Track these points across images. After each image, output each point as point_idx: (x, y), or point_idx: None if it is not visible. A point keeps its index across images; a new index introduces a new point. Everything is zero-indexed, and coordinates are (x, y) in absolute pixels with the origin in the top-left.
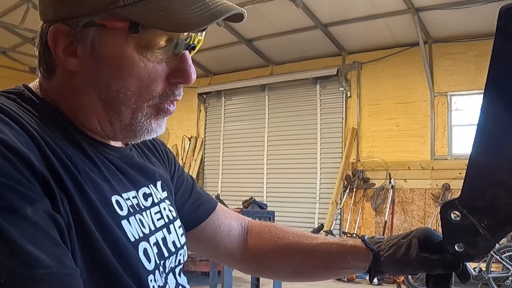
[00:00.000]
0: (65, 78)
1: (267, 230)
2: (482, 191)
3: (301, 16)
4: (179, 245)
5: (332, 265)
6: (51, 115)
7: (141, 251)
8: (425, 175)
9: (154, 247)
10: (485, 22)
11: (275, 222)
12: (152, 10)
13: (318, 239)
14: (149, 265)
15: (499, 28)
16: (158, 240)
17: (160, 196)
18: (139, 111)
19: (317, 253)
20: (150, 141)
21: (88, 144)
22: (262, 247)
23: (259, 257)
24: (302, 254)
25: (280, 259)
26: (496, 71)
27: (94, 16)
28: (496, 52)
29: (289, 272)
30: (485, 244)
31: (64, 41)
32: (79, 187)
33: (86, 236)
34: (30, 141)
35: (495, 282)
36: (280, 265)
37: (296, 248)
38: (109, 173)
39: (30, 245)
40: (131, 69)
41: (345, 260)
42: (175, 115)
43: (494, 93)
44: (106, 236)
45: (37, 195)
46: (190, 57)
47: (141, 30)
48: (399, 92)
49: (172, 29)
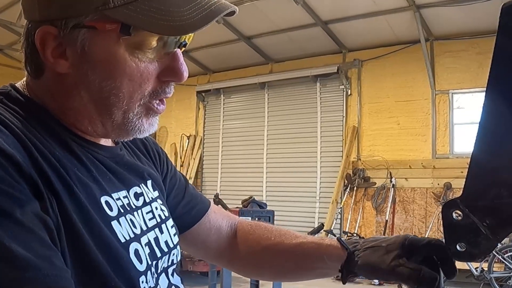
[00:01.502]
0: (54, 79)
1: (252, 231)
2: (484, 190)
3: (301, 13)
4: (172, 245)
5: (309, 265)
6: (39, 115)
7: (132, 252)
8: (427, 174)
9: (146, 247)
10: (487, 19)
11: (274, 221)
12: (144, 12)
13: (298, 238)
14: (140, 266)
15: (501, 25)
16: (150, 240)
17: (151, 196)
18: (130, 111)
19: (296, 253)
20: (141, 141)
21: (76, 144)
22: (247, 248)
23: (245, 260)
24: (282, 255)
25: (263, 260)
26: (498, 69)
27: (83, 18)
28: (498, 49)
29: (273, 273)
30: (487, 243)
31: (53, 43)
32: (68, 188)
33: (75, 237)
34: (17, 142)
35: (497, 282)
36: (263, 267)
37: (277, 249)
38: (99, 173)
39: (20, 247)
40: (123, 70)
41: (321, 260)
42: (173, 113)
43: (496, 91)
44: (95, 237)
45: (25, 196)
46: (181, 54)
47: (133, 31)
48: (400, 90)
49: (166, 32)
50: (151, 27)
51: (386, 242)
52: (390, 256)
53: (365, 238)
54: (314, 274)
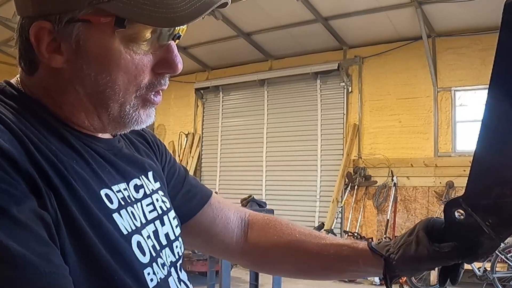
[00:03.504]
0: (49, 74)
1: (271, 225)
2: (487, 189)
3: (301, 9)
4: (173, 237)
5: (341, 267)
6: (35, 110)
7: (134, 244)
8: (428, 173)
9: (148, 240)
10: (490, 16)
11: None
12: (138, 4)
13: (327, 239)
14: (144, 258)
15: (504, 22)
16: (150, 233)
17: (152, 187)
18: (127, 104)
19: (325, 254)
20: (139, 132)
21: (74, 138)
22: (266, 242)
23: (262, 252)
24: (309, 253)
25: (285, 256)
26: (501, 65)
27: (77, 12)
28: (501, 46)
29: (292, 269)
30: (490, 243)
31: (47, 38)
32: (66, 183)
33: (76, 232)
34: (13, 138)
35: (500, 282)
36: (284, 262)
37: (303, 247)
38: (98, 165)
39: (16, 245)
40: (118, 63)
41: (355, 264)
42: (171, 110)
43: (499, 88)
44: (97, 230)
45: (22, 193)
46: (176, 46)
47: (127, 24)
48: (402, 88)
49: (160, 24)
50: (145, 19)
51: (411, 236)
52: (424, 245)
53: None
54: (342, 276)
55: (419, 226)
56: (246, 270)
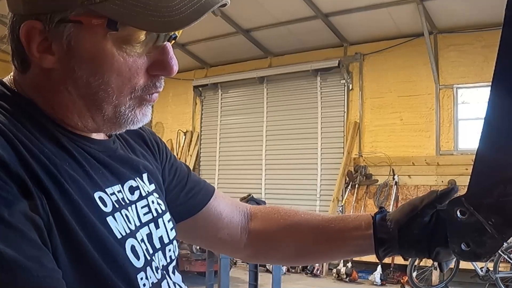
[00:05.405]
0: (40, 74)
1: (275, 211)
2: (489, 188)
3: (301, 5)
4: (167, 240)
5: (344, 236)
6: (27, 111)
7: (128, 248)
8: (430, 171)
9: (142, 243)
10: (493, 12)
11: None
12: (131, 7)
13: (331, 215)
14: (137, 263)
15: (507, 18)
16: (143, 236)
17: (147, 189)
18: (122, 105)
19: (331, 226)
20: (137, 131)
21: (67, 139)
22: (270, 227)
23: (266, 237)
24: (315, 229)
25: (290, 235)
26: (504, 62)
27: (69, 13)
28: (504, 43)
29: (296, 250)
30: (493, 243)
31: (38, 38)
32: (59, 186)
33: (69, 235)
34: (4, 141)
35: (503, 283)
36: (289, 243)
37: (308, 224)
38: (91, 167)
39: (8, 249)
40: (111, 65)
41: (359, 228)
42: (170, 108)
43: (502, 86)
44: (90, 234)
45: (13, 196)
46: (171, 47)
47: (120, 26)
48: (403, 85)
49: (154, 29)
50: (138, 23)
51: (418, 203)
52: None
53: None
54: (346, 249)
55: (431, 194)
56: (245, 270)
